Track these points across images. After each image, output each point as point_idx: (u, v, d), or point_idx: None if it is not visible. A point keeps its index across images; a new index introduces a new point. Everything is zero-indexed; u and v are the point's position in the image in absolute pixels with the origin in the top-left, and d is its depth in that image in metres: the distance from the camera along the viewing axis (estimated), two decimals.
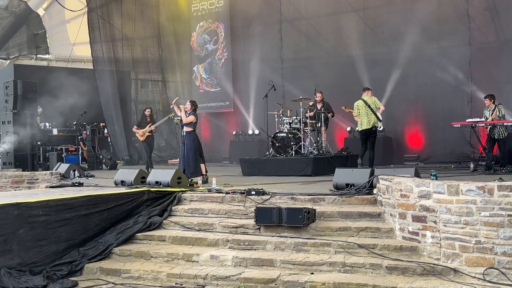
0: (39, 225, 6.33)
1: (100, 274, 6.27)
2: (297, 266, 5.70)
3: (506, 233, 4.95)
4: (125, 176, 8.74)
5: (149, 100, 19.10)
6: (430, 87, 13.27)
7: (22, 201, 6.37)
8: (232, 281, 5.63)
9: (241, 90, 17.57)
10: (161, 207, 7.48)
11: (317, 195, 6.97)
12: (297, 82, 15.25)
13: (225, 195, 7.43)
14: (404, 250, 5.60)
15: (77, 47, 21.07)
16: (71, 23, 21.81)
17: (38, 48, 21.51)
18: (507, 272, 4.92)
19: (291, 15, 16.21)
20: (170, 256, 6.34)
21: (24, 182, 10.21)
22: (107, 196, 7.24)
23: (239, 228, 6.66)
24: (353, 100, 14.92)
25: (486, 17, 12.81)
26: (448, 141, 12.96)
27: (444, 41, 13.38)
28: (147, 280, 6.02)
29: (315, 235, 6.17)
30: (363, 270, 5.46)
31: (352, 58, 14.68)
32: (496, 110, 10.27)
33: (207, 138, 18.48)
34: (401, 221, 5.82)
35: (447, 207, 5.28)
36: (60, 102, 16.63)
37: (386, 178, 6.26)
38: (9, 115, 13.19)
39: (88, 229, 6.81)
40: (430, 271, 5.23)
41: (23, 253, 6.12)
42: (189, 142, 9.45)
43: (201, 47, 18.71)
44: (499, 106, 10.30)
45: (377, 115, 10.55)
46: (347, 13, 15.05)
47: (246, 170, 11.37)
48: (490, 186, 5.06)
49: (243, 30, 17.34)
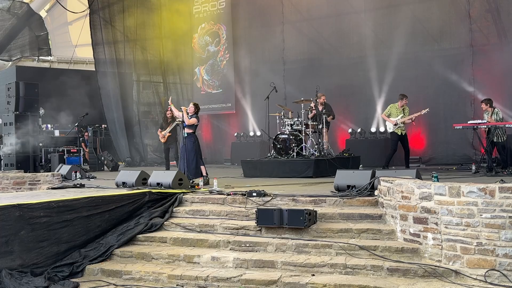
0: (41, 226, 6.33)
1: (101, 276, 6.27)
2: (298, 267, 5.69)
3: (508, 235, 4.94)
4: (127, 178, 8.75)
5: (150, 102, 19.13)
6: (431, 88, 13.26)
7: (23, 203, 6.38)
8: (233, 282, 5.63)
9: (242, 92, 17.58)
10: (162, 209, 7.48)
11: (318, 197, 6.97)
12: (298, 84, 15.26)
13: (226, 196, 7.43)
14: (405, 252, 5.59)
15: (79, 49, 21.17)
16: (73, 25, 21.92)
17: (40, 50, 21.59)
18: (508, 274, 4.91)
19: (293, 17, 16.22)
20: (171, 257, 6.34)
21: (25, 184, 10.22)
22: (109, 197, 7.24)
23: (240, 230, 6.66)
24: (353, 101, 14.92)
25: (488, 18, 12.81)
26: (450, 143, 12.95)
27: (446, 43, 13.38)
28: (148, 281, 6.02)
29: (316, 237, 6.17)
30: (364, 272, 5.45)
31: (354, 60, 14.70)
32: (493, 114, 10.25)
33: (209, 139, 18.50)
34: (402, 222, 5.82)
35: (449, 208, 5.27)
36: (62, 103, 16.69)
37: (387, 179, 6.26)
38: (11, 117, 13.20)
39: (89, 231, 6.82)
40: (431, 273, 5.22)
41: (25, 254, 6.12)
42: (190, 144, 9.46)
43: (202, 49, 18.73)
44: (495, 110, 10.28)
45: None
46: (349, 15, 15.06)
47: (247, 172, 11.36)
48: (491, 188, 5.05)
49: (244, 32, 17.36)
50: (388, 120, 11.34)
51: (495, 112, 10.24)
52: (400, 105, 11.31)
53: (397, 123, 11.17)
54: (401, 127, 11.22)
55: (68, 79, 18.41)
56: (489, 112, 10.31)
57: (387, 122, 11.43)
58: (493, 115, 10.23)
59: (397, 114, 11.28)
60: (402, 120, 11.16)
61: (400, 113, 11.23)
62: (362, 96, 14.63)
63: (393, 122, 11.23)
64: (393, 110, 11.37)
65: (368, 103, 14.56)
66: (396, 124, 11.19)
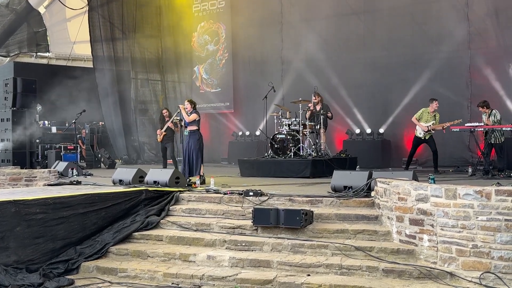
0: (36, 223, 6.32)
1: (97, 273, 6.26)
2: (294, 267, 5.70)
3: (503, 238, 4.96)
4: (123, 175, 8.74)
5: (147, 100, 19.09)
6: (429, 91, 13.26)
7: (19, 199, 6.37)
8: (228, 281, 5.63)
9: (241, 91, 17.58)
10: (159, 207, 7.47)
11: (315, 197, 6.97)
12: (297, 84, 15.27)
13: (223, 195, 7.43)
14: (401, 253, 5.61)
15: (77, 46, 21.10)
16: (71, 22, 21.85)
17: (39, 46, 21.53)
18: (503, 276, 4.93)
19: (292, 16, 16.22)
20: (167, 255, 6.34)
21: (22, 180, 10.21)
22: (105, 195, 7.23)
23: (237, 229, 6.66)
24: (351, 102, 14.97)
25: (486, 22, 12.82)
26: (447, 145, 12.95)
27: (444, 45, 13.38)
28: (144, 279, 6.02)
29: (312, 237, 6.18)
30: (360, 273, 5.46)
31: (352, 61, 14.70)
32: (491, 115, 10.27)
33: (206, 138, 18.39)
34: (398, 224, 5.83)
35: (445, 210, 5.28)
36: (60, 100, 16.66)
37: (384, 181, 6.27)
38: (8, 113, 13.17)
39: (85, 228, 6.81)
40: (426, 275, 5.23)
41: (20, 250, 6.11)
42: (194, 142, 9.45)
43: (201, 48, 18.71)
44: (493, 111, 10.30)
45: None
46: (348, 16, 15.05)
47: (244, 171, 11.37)
48: (487, 191, 5.07)
49: (244, 31, 17.34)
50: (419, 124, 11.12)
51: (493, 113, 10.25)
52: (432, 110, 11.13)
53: (429, 129, 11.05)
54: (431, 133, 11.15)
55: (66, 76, 18.36)
56: (487, 114, 10.33)
57: (417, 127, 11.22)
58: (491, 116, 10.24)
59: (427, 119, 11.11)
60: (433, 127, 11.03)
61: (432, 119, 11.08)
62: (360, 97, 14.64)
63: (425, 128, 11.05)
64: (425, 115, 11.15)
65: (366, 104, 14.57)
66: (428, 131, 11.06)
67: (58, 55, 22.32)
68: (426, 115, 11.20)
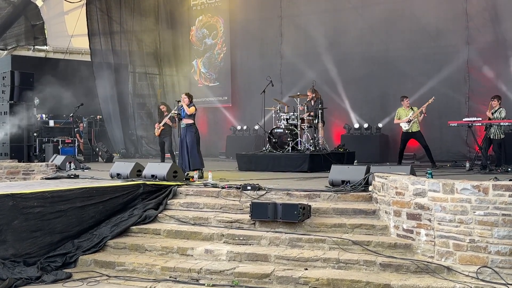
0: (34, 216, 6.32)
1: (94, 266, 6.27)
2: (291, 261, 5.71)
3: (500, 232, 4.97)
4: (121, 169, 8.74)
5: (145, 94, 19.05)
6: (427, 85, 13.27)
7: (17, 192, 6.36)
8: (226, 275, 5.64)
9: (239, 85, 17.56)
10: (157, 201, 7.47)
11: (312, 191, 6.98)
12: (295, 78, 15.26)
13: (221, 189, 7.43)
14: (398, 248, 5.62)
15: (75, 39, 21.06)
16: (69, 15, 21.76)
17: (36, 39, 21.47)
18: (500, 271, 4.94)
19: (291, 11, 16.18)
20: (164, 249, 6.35)
21: (19, 173, 10.19)
22: (103, 188, 7.23)
23: (234, 223, 6.66)
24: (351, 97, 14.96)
25: (485, 16, 12.80)
26: (445, 140, 12.98)
27: (442, 40, 13.37)
28: (141, 273, 6.02)
29: (310, 231, 6.19)
30: (357, 267, 5.47)
31: (350, 55, 14.68)
32: (496, 111, 10.27)
33: (204, 132, 18.41)
34: (395, 218, 5.84)
35: (442, 205, 5.29)
36: (57, 93, 16.59)
37: (381, 175, 6.28)
38: (6, 106, 13.15)
39: (83, 221, 6.81)
40: (423, 269, 5.25)
41: (18, 244, 6.12)
42: (191, 135, 9.45)
43: (200, 41, 18.67)
44: (500, 109, 10.29)
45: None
46: (346, 10, 15.04)
47: (242, 165, 11.37)
48: (485, 185, 5.08)
49: (242, 25, 17.30)
50: (402, 121, 11.53)
51: (499, 110, 10.26)
52: (405, 106, 11.54)
53: (410, 119, 11.35)
54: (416, 122, 11.38)
55: (64, 69, 18.32)
56: (494, 109, 10.32)
57: (402, 123, 11.55)
58: (496, 112, 10.25)
59: (406, 114, 11.51)
60: (414, 116, 11.32)
61: (410, 112, 11.45)
62: (358, 91, 14.64)
63: (406, 120, 11.41)
64: (402, 112, 11.59)
65: (364, 98, 14.57)
66: (410, 121, 11.35)
67: (55, 49, 22.24)
68: (403, 112, 11.58)
